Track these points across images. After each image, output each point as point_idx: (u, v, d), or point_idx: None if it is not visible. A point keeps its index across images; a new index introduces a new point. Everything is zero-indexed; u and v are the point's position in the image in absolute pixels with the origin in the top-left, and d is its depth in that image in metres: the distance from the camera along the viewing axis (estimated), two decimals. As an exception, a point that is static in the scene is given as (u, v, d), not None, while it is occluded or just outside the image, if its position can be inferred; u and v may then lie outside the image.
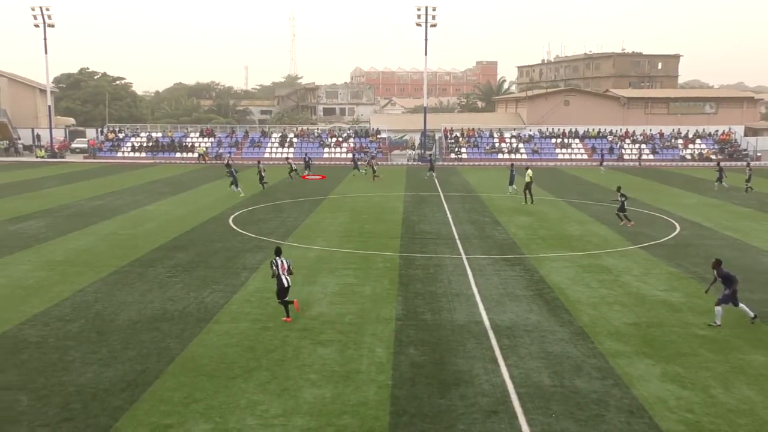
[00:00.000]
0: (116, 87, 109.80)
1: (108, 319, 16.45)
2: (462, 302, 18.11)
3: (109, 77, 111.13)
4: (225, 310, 17.18)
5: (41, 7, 71.20)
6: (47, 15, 71.40)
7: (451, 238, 27.15)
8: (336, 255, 23.88)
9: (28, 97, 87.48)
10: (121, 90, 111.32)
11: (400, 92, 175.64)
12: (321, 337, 15.28)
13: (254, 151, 72.61)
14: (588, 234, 28.40)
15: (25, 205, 35.79)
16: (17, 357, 13.93)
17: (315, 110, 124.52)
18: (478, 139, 75.06)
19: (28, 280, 20.17)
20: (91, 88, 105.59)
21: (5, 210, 33.81)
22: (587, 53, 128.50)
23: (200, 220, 31.13)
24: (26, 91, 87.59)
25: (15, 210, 33.82)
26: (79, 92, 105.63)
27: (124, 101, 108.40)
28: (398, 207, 36.12)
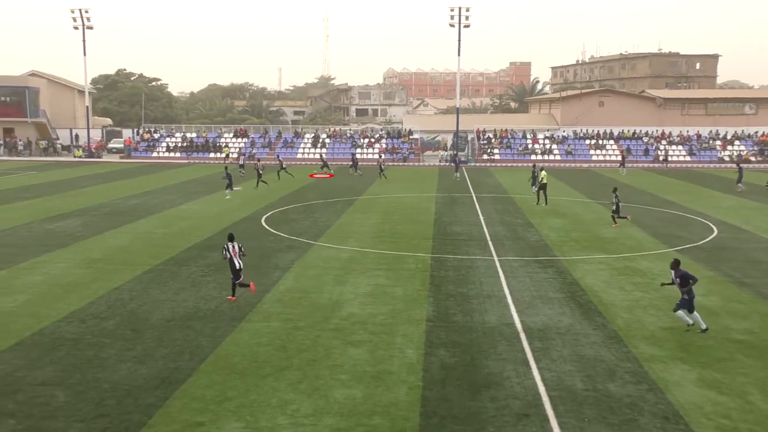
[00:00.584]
0: (152, 88, 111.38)
1: (142, 317, 16.68)
2: (494, 304, 18.00)
3: (146, 78, 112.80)
4: (257, 310, 17.30)
5: (80, 10, 72.49)
6: (86, 17, 72.66)
7: (483, 240, 27.02)
8: (368, 255, 23.91)
9: (66, 98, 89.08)
10: (157, 91, 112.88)
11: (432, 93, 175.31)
12: (352, 337, 15.31)
13: (287, 152, 73.02)
14: (622, 236, 28.03)
15: (63, 204, 36.46)
16: (54, 353, 14.19)
17: (348, 111, 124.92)
18: (510, 140, 74.58)
19: (66, 277, 20.54)
20: (127, 89, 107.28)
21: (44, 209, 34.49)
22: (623, 53, 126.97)
23: (233, 219, 31.41)
24: (65, 92, 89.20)
25: (53, 209, 34.48)
26: (116, 93, 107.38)
27: (159, 102, 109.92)
28: (430, 208, 36.05)
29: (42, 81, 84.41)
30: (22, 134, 78.40)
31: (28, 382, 12.72)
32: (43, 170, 58.03)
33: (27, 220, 30.94)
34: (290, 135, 78.22)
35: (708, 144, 73.24)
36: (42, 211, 33.79)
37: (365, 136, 77.00)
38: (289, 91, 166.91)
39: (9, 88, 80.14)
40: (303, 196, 40.93)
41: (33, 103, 79.89)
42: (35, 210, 34.04)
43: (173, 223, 30.63)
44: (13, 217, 31.52)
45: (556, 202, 38.66)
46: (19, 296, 18.46)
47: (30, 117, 79.26)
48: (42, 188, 44.05)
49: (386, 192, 42.80)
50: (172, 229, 29.12)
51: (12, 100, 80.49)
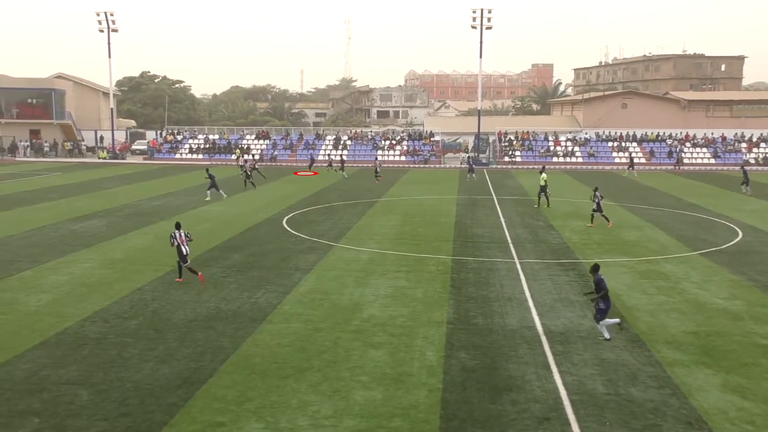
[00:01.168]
0: (175, 90, 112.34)
1: (165, 317, 16.82)
2: (514, 307, 17.92)
3: (169, 80, 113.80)
4: (278, 311, 17.38)
5: (106, 13, 73.30)
6: (111, 20, 73.47)
7: (504, 242, 26.91)
8: (388, 257, 23.91)
9: (92, 100, 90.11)
10: (180, 93, 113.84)
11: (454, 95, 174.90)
12: (372, 339, 15.32)
13: (308, 153, 73.20)
14: (645, 239, 27.78)
15: (87, 204, 36.87)
16: (78, 353, 14.35)
17: (369, 113, 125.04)
18: (532, 142, 74.25)
19: (90, 277, 20.77)
20: (151, 91, 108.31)
21: (69, 209, 34.91)
22: (646, 55, 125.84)
23: (254, 221, 31.58)
24: (90, 94, 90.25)
25: (78, 209, 34.89)
26: (140, 95, 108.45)
27: (182, 104, 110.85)
28: (451, 210, 35.97)
29: (68, 83, 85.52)
30: (48, 136, 79.53)
31: (52, 380, 12.88)
32: (68, 171, 58.73)
33: (53, 220, 31.34)
34: (311, 137, 78.53)
35: (733, 146, 72.39)
36: (67, 211, 34.20)
37: (386, 138, 77.06)
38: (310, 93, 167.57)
39: (36, 90, 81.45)
40: (324, 197, 41.04)
41: (59, 105, 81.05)
42: (60, 210, 34.47)
43: (195, 224, 30.83)
44: (40, 218, 31.94)
45: (577, 205, 38.42)
46: (44, 296, 18.70)
47: (56, 119, 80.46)
48: (67, 189, 44.59)
49: (407, 194, 42.79)
50: (194, 230, 29.19)
51: (39, 102, 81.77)
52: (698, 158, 70.38)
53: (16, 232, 28.15)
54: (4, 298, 18.36)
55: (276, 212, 34.39)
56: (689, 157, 70.50)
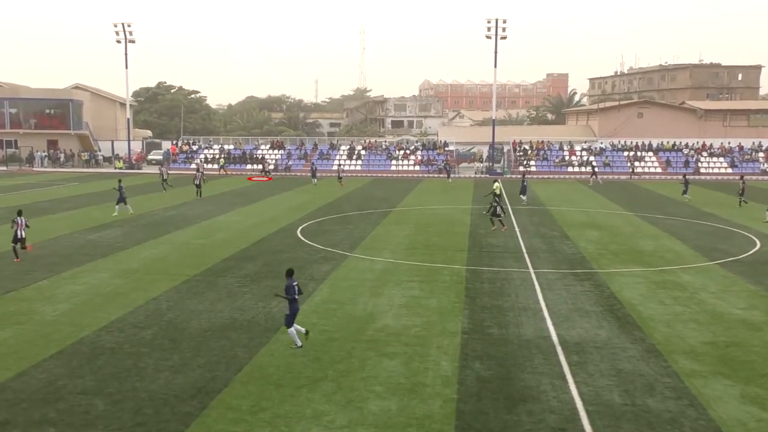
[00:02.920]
0: (191, 100, 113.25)
1: (180, 326, 16.88)
2: (529, 317, 17.84)
3: (185, 91, 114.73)
4: (292, 320, 17.37)
5: (123, 24, 73.98)
6: (128, 31, 74.17)
7: (518, 252, 26.82)
8: (402, 267, 23.89)
9: (108, 110, 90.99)
10: (196, 103, 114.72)
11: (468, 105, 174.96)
12: (387, 349, 15.29)
13: (323, 163, 73.50)
14: (661, 249, 27.59)
15: (103, 214, 37.14)
16: (94, 362, 14.43)
17: (383, 123, 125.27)
18: (547, 151, 74.07)
19: (106, 287, 20.90)
20: (167, 102, 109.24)
21: (85, 219, 35.18)
22: (662, 64, 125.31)
23: (269, 230, 31.67)
24: (107, 104, 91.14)
25: (94, 219, 35.15)
26: (156, 105, 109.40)
27: (198, 114, 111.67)
28: (465, 220, 35.92)
29: (85, 94, 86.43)
30: (66, 146, 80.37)
31: (68, 390, 12.95)
32: (84, 181, 59.22)
33: (69, 230, 31.59)
34: (326, 147, 78.81)
35: (750, 156, 71.85)
36: (83, 221, 34.47)
37: (400, 148, 77.15)
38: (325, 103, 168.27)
39: (54, 101, 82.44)
40: (338, 207, 41.11)
41: (76, 116, 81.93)
42: (77, 220, 34.75)
43: (210, 234, 30.99)
44: (57, 227, 32.21)
45: (592, 215, 38.25)
46: (61, 305, 18.84)
47: (73, 129, 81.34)
48: (83, 199, 44.95)
49: (421, 203, 42.78)
50: (209, 240, 29.46)
51: (56, 113, 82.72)
52: (715, 168, 69.88)
53: (33, 242, 28.35)
54: (22, 308, 18.52)
55: (290, 222, 34.48)
56: (706, 166, 70.06)
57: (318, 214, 37.59)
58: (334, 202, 43.69)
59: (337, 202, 44.18)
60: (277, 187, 54.43)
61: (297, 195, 48.90)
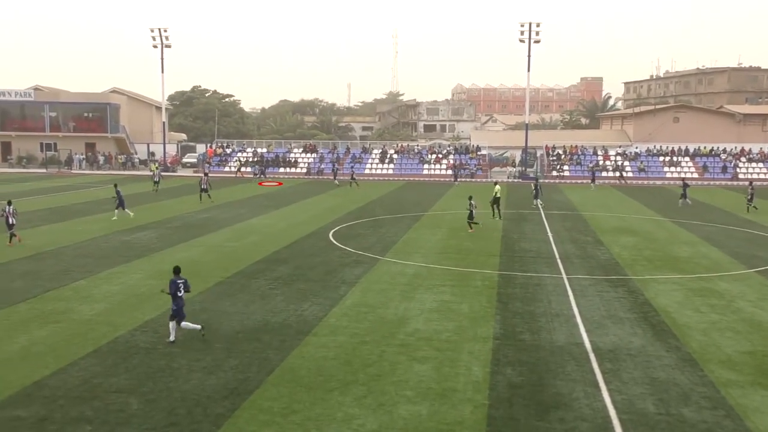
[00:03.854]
0: (225, 104, 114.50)
1: (212, 328, 17.04)
2: (562, 323, 17.68)
3: (219, 95, 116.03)
4: (323, 323, 17.47)
5: (159, 29, 75.20)
6: (165, 36, 75.30)
7: (551, 257, 26.60)
8: (434, 271, 23.85)
9: (144, 113, 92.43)
10: (230, 107, 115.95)
11: (501, 109, 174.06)
12: (418, 353, 15.27)
13: (355, 167, 73.65)
14: (698, 256, 27.15)
15: (138, 216, 37.67)
16: (129, 362, 14.65)
17: (415, 127, 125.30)
18: (581, 156, 73.38)
19: (141, 288, 21.20)
20: (202, 105, 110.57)
21: (121, 221, 35.72)
22: (700, 68, 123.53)
23: (301, 234, 31.84)
24: (143, 108, 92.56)
25: (129, 221, 35.68)
26: (191, 109, 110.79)
27: (232, 118, 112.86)
28: (498, 224, 35.73)
29: (122, 98, 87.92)
30: (103, 149, 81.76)
31: (104, 389, 13.16)
32: (120, 184, 60.00)
33: (105, 231, 32.11)
34: (358, 150, 78.99)
35: (790, 161, 70.40)
36: (119, 223, 35.01)
37: (433, 152, 77.05)
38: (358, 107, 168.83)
39: (92, 104, 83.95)
40: (370, 211, 41.18)
41: (114, 119, 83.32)
42: (113, 222, 35.30)
43: (243, 236, 31.25)
44: (93, 229, 32.76)
45: (627, 220, 37.78)
46: (97, 305, 19.15)
47: (110, 132, 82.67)
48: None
49: (453, 208, 42.65)
50: (241, 242, 29.72)
51: (94, 116, 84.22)
52: (754, 173, 68.54)
53: (70, 243, 28.92)
54: (59, 307, 18.86)
55: (322, 225, 34.63)
56: (744, 172, 68.78)
57: (350, 218, 37.69)
58: (366, 206, 43.76)
59: (369, 205, 44.25)
60: (309, 191, 54.71)
61: (329, 198, 49.10)
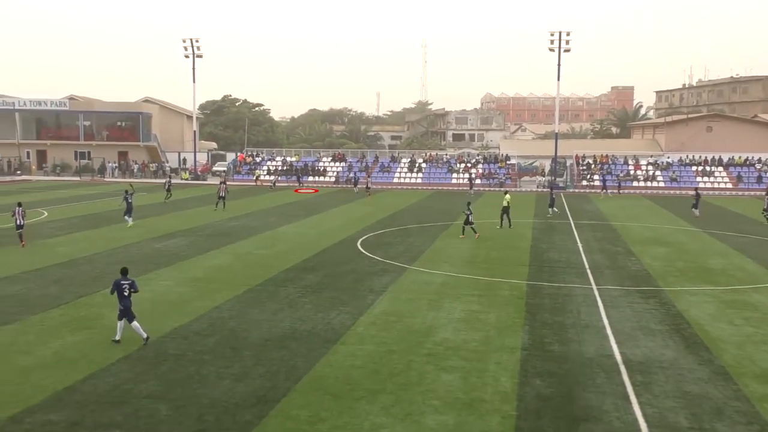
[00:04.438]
0: (255, 113, 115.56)
1: (241, 335, 17.15)
2: (592, 334, 17.49)
3: (249, 104, 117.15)
4: (351, 332, 17.48)
5: (191, 39, 76.17)
6: (196, 46, 76.25)
7: (581, 268, 26.35)
8: (461, 281, 23.76)
9: (176, 123, 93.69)
10: (260, 116, 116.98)
11: (530, 118, 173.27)
12: (445, 363, 15.20)
13: (384, 176, 73.82)
14: (732, 267, 26.69)
15: (169, 223, 38.12)
16: (158, 368, 14.79)
17: (444, 136, 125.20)
18: (611, 165, 72.68)
19: (170, 295, 21.41)
20: (232, 114, 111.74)
21: (152, 228, 36.16)
22: (733, 77, 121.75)
23: (330, 242, 31.94)
24: (175, 117, 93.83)
25: (161, 228, 36.10)
26: (222, 118, 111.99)
27: (262, 126, 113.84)
28: (526, 234, 35.51)
29: (154, 107, 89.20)
30: (135, 157, 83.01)
31: (134, 394, 13.30)
32: (152, 192, 60.87)
33: (137, 238, 32.52)
34: (387, 159, 79.12)
35: (827, 171, 69.00)
36: (151, 230, 35.44)
37: (461, 161, 76.89)
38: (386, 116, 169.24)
39: (125, 113, 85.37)
40: (398, 220, 41.19)
41: (146, 128, 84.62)
42: (145, 229, 35.74)
43: (272, 244, 31.44)
44: (126, 236, 33.20)
45: (658, 230, 37.31)
46: (127, 311, 19.36)
47: (143, 141, 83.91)
48: (151, 209, 46.19)
49: (482, 217, 42.48)
50: (271, 250, 29.89)
51: (127, 125, 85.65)
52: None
53: (102, 250, 29.34)
54: (91, 314, 19.12)
55: (351, 234, 34.71)
56: (779, 182, 67.57)
57: (378, 227, 37.73)
58: (395, 215, 43.78)
59: (398, 214, 44.27)
60: (339, 200, 54.91)
61: (358, 207, 49.22)
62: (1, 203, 36.79)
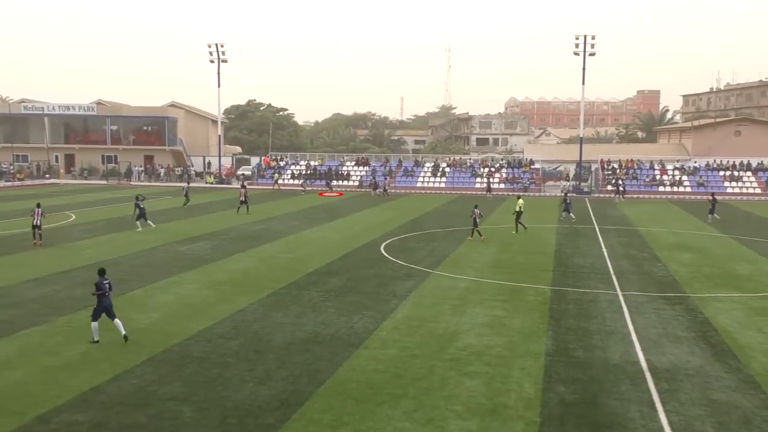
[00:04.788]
0: (279, 117, 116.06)
1: (264, 339, 17.22)
2: (617, 340, 17.32)
3: (274, 108, 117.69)
4: (374, 336, 17.47)
5: (217, 44, 76.83)
6: (221, 51, 76.87)
7: (606, 273, 26.12)
8: (485, 286, 23.66)
9: (201, 127, 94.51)
10: (284, 120, 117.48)
11: (555, 122, 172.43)
12: (468, 368, 15.14)
13: (407, 180, 73.79)
14: (759, 273, 26.29)
15: (194, 227, 38.42)
16: (183, 370, 14.89)
17: (468, 140, 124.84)
18: (637, 170, 72.01)
19: (195, 298, 21.57)
20: (257, 118, 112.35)
21: (177, 232, 36.48)
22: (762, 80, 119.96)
23: (354, 246, 31.98)
24: (200, 121, 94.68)
25: (185, 232, 36.40)
26: (246, 122, 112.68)
27: (286, 131, 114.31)
28: (551, 239, 35.28)
29: (180, 111, 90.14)
30: (161, 161, 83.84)
31: (158, 396, 13.40)
32: (177, 195, 61.38)
33: (162, 242, 32.82)
34: (410, 164, 79.06)
35: None
36: (176, 233, 35.75)
37: (485, 165, 76.62)
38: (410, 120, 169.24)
39: (151, 118, 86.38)
40: (422, 224, 41.14)
41: (171, 132, 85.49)
42: (170, 233, 36.07)
43: (296, 248, 31.56)
44: (151, 239, 33.52)
45: (684, 236, 36.87)
46: (152, 314, 19.56)
47: (168, 145, 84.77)
48: (176, 212, 46.63)
49: (505, 222, 42.27)
50: (295, 254, 30.00)
51: (153, 130, 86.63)
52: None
53: (128, 253, 29.64)
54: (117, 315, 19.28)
55: (374, 238, 34.72)
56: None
57: (401, 231, 37.71)
58: (418, 219, 43.74)
59: (421, 219, 44.22)
60: (362, 204, 54.98)
61: (381, 211, 49.24)
62: (29, 206, 37.26)
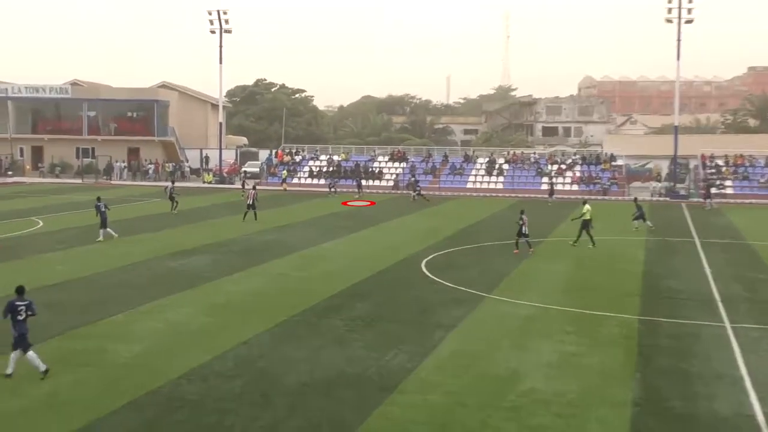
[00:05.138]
0: (295, 101, 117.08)
1: (274, 378, 17.16)
2: (725, 387, 16.97)
3: (288, 89, 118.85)
4: (413, 378, 17.32)
5: (218, 11, 77.20)
6: (225, 20, 77.31)
7: (710, 300, 25.72)
8: (553, 314, 23.45)
9: (198, 113, 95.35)
10: (301, 104, 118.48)
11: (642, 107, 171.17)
12: (532, 420, 14.91)
13: (454, 180, 73.61)
14: None
15: (188, 237, 38.69)
16: (172, 417, 14.87)
17: (532, 130, 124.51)
18: (749, 168, 70.97)
19: (189, 326, 21.64)
20: (267, 103, 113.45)
21: (167, 243, 36.76)
22: None
23: (387, 262, 31.92)
24: (197, 106, 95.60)
25: (177, 243, 36.66)
26: (254, 107, 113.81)
27: (302, 118, 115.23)
28: (638, 255, 34.89)
29: (173, 93, 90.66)
30: (149, 155, 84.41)
31: (140, 450, 13.39)
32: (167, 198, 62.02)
33: (148, 256, 33.09)
34: (459, 159, 78.95)
35: None
36: (165, 245, 36.03)
37: (553, 162, 76.16)
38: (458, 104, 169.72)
39: (137, 102, 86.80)
40: (472, 235, 40.98)
41: (161, 120, 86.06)
42: (158, 244, 36.38)
43: (314, 264, 31.58)
44: (134, 252, 33.83)
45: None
46: (135, 346, 19.63)
47: (157, 135, 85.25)
48: (166, 219, 47.07)
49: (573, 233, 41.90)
50: (311, 272, 30.02)
51: (139, 116, 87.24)
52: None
53: (106, 269, 29.92)
54: (91, 347, 19.42)
55: (413, 252, 34.63)
56: None
57: (448, 244, 37.59)
58: (469, 229, 43.58)
59: (472, 228, 44.07)
60: (397, 209, 54.97)
61: (422, 219, 49.19)
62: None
